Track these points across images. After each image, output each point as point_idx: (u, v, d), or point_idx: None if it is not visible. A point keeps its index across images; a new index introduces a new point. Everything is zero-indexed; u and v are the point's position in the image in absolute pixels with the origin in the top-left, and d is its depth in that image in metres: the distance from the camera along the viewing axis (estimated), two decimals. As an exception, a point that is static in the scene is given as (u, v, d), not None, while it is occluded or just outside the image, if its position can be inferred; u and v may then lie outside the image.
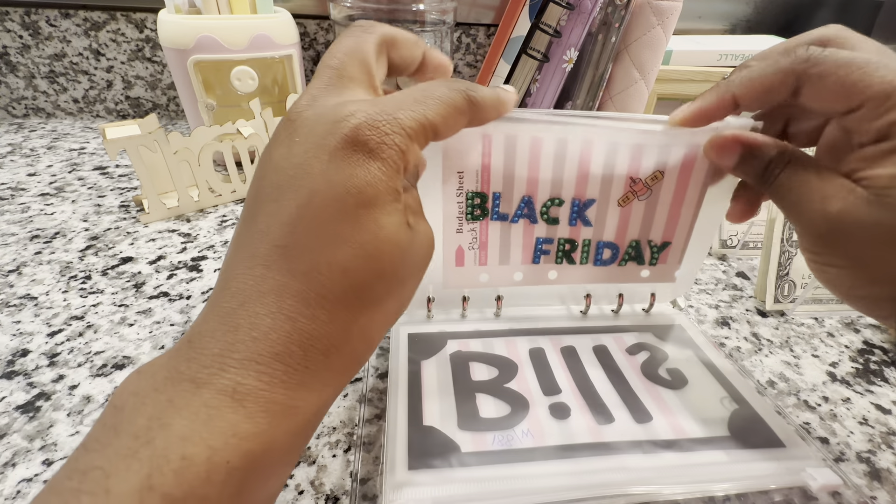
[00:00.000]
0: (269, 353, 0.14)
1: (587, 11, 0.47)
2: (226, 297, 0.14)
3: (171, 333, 0.30)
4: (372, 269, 0.15)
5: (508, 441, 0.23)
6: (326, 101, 0.16)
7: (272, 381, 0.14)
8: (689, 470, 0.22)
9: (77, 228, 0.40)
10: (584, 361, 0.28)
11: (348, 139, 0.15)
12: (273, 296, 0.14)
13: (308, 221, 0.15)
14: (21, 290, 0.33)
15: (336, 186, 0.15)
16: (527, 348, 0.29)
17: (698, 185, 0.26)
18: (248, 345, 0.14)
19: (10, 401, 0.26)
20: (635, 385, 0.27)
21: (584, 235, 0.27)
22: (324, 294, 0.14)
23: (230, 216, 0.44)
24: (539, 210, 0.26)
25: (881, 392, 0.30)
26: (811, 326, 0.35)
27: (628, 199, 0.26)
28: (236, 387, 0.13)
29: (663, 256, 0.28)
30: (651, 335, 0.31)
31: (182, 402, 0.13)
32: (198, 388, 0.13)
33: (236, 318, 0.14)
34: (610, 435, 0.23)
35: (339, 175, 0.15)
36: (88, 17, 0.56)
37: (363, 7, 0.50)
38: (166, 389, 0.13)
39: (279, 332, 0.14)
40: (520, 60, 0.52)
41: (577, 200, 0.26)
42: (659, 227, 0.27)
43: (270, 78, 0.52)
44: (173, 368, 0.14)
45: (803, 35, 0.21)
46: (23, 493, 0.21)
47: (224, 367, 0.13)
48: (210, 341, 0.14)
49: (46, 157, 0.52)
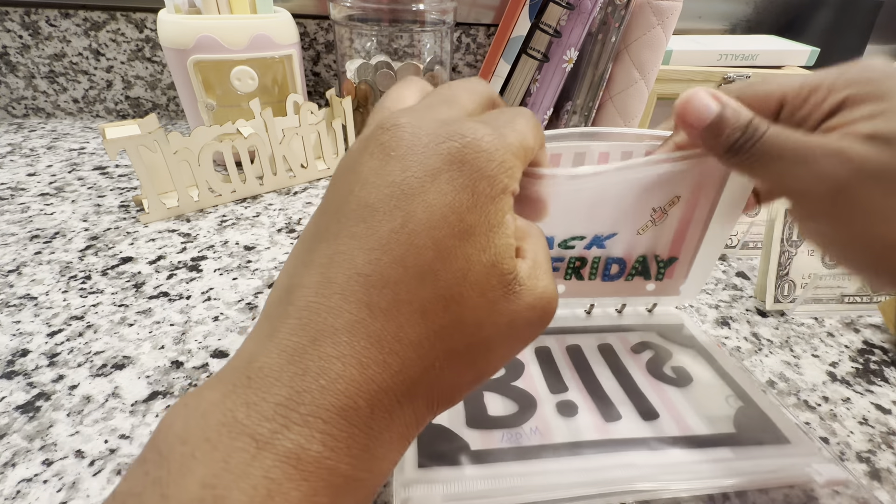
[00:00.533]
0: (335, 407, 0.12)
1: (587, 11, 0.47)
2: (294, 328, 0.12)
3: (170, 333, 0.30)
4: (452, 315, 0.13)
5: (517, 438, 0.23)
6: (424, 111, 0.14)
7: (336, 444, 0.12)
8: (695, 466, 0.22)
9: (77, 228, 0.40)
10: (590, 360, 0.28)
11: (455, 159, 0.13)
12: (346, 334, 0.12)
13: (397, 250, 0.13)
14: (21, 290, 0.33)
15: (434, 212, 0.13)
16: (532, 347, 0.29)
17: (708, 203, 0.25)
18: (314, 395, 0.12)
19: (9, 401, 0.26)
20: (641, 383, 0.27)
21: (595, 255, 0.27)
22: (400, 337, 0.12)
23: (230, 216, 0.44)
24: (557, 243, 0.25)
25: (881, 392, 0.30)
26: (811, 326, 0.35)
27: (647, 227, 0.25)
28: (301, 454, 0.11)
29: (669, 272, 0.28)
30: (655, 334, 0.31)
31: (240, 469, 0.11)
32: (258, 451, 0.11)
33: (305, 358, 0.12)
34: (617, 432, 0.24)
35: (441, 199, 0.13)
36: (88, 17, 0.56)
37: (363, 7, 0.50)
38: (221, 443, 0.11)
39: (347, 381, 0.12)
40: (520, 60, 0.52)
41: (598, 236, 0.25)
42: (666, 244, 0.27)
43: (270, 78, 0.52)
44: (229, 413, 0.11)
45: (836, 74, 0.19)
46: (22, 493, 0.21)
47: (288, 424, 0.11)
48: (274, 384, 0.12)
49: (46, 157, 0.52)
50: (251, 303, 0.34)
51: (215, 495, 0.10)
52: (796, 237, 0.36)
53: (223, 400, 0.12)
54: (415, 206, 0.13)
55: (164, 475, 0.11)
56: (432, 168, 0.13)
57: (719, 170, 0.23)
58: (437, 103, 0.15)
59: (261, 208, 0.45)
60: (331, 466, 0.11)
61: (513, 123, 0.15)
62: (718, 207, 0.25)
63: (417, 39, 0.55)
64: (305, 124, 0.47)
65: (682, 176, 0.23)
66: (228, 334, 0.31)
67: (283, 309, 0.13)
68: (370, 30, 0.53)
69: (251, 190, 0.47)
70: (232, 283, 0.35)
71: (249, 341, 0.13)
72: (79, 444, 0.24)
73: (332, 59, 0.64)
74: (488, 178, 0.13)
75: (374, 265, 0.13)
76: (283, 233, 0.42)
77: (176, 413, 0.12)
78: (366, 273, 0.12)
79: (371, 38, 0.54)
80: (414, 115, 0.14)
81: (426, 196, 0.13)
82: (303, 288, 0.13)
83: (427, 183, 0.13)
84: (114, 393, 0.26)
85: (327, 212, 0.14)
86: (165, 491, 0.10)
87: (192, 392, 0.12)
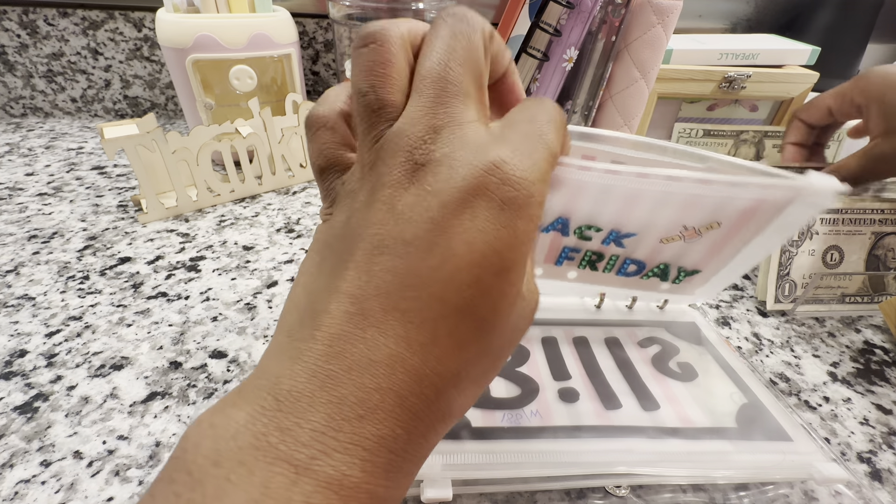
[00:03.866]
0: (376, 436, 0.12)
1: (587, 10, 0.47)
2: (324, 355, 0.12)
3: (169, 334, 0.30)
4: (486, 343, 0.14)
5: (517, 419, 0.24)
6: (454, 138, 0.13)
7: (376, 470, 0.12)
8: (692, 457, 0.22)
9: (75, 228, 0.40)
10: (596, 351, 0.29)
11: (493, 197, 0.13)
12: (385, 368, 0.12)
13: (437, 287, 0.13)
14: (19, 290, 0.33)
15: (475, 251, 0.13)
16: (539, 336, 0.29)
17: (752, 230, 0.23)
18: (353, 424, 0.12)
19: (7, 402, 0.25)
20: (645, 375, 0.27)
21: (614, 252, 0.26)
22: (438, 371, 0.13)
23: (228, 216, 0.44)
24: (574, 229, 0.24)
25: (882, 392, 0.30)
26: (812, 326, 0.35)
27: (673, 239, 0.24)
28: (342, 479, 0.11)
29: (688, 279, 0.27)
30: (664, 330, 0.31)
31: (279, 494, 0.11)
32: (298, 476, 0.11)
33: (340, 387, 0.12)
34: (616, 419, 0.24)
35: (483, 237, 0.13)
36: (86, 16, 0.56)
37: (363, 6, 0.50)
38: (257, 467, 0.11)
39: (386, 412, 0.12)
40: (519, 59, 0.52)
41: (615, 231, 0.24)
42: (694, 258, 0.25)
43: (269, 77, 0.52)
44: (261, 435, 0.11)
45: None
46: (21, 494, 0.21)
47: (327, 451, 0.11)
48: (307, 410, 0.12)
49: (44, 157, 0.52)
50: (250, 303, 0.33)
51: None
52: (797, 237, 0.36)
53: (252, 422, 0.12)
54: (455, 244, 0.13)
55: (197, 497, 0.11)
56: (471, 205, 0.13)
57: (777, 205, 0.21)
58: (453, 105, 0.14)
59: (259, 208, 0.45)
60: (370, 490, 0.12)
61: (542, 137, 0.14)
62: (763, 234, 0.23)
63: (417, 38, 0.54)
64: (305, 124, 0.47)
65: (730, 204, 0.21)
66: (227, 335, 0.31)
67: (309, 333, 0.13)
68: (369, 29, 0.52)
69: (250, 190, 0.47)
70: (231, 283, 0.35)
71: (270, 360, 0.13)
72: (77, 445, 0.24)
73: (332, 58, 0.64)
74: (527, 218, 0.13)
75: (413, 302, 0.12)
76: (281, 233, 0.42)
77: (202, 433, 0.12)
78: (403, 308, 0.12)
79: (370, 38, 0.54)
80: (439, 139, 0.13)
81: (466, 235, 0.13)
82: (329, 315, 0.13)
83: (467, 220, 0.13)
84: (112, 394, 0.26)
85: (353, 236, 0.14)
86: None
87: (216, 410, 0.12)
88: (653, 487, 0.23)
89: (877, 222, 0.37)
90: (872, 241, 0.37)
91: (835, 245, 0.36)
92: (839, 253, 0.36)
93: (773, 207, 0.21)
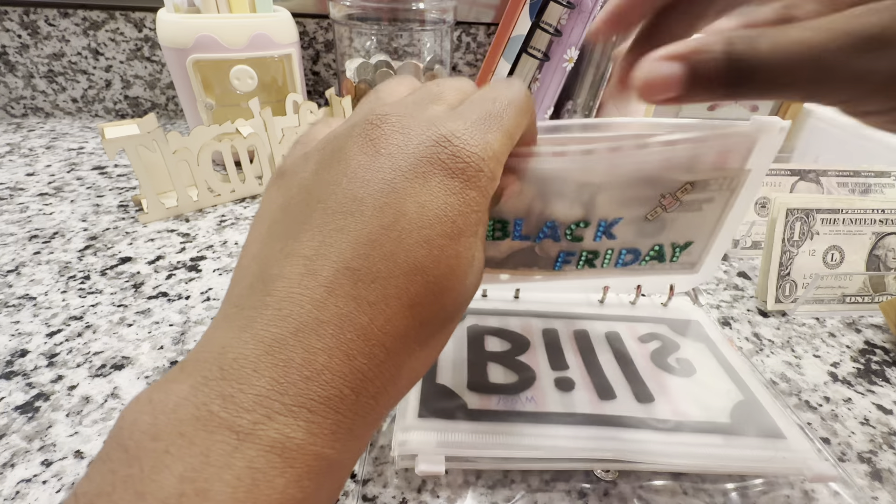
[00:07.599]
0: (321, 396, 0.12)
1: (588, 10, 0.47)
2: (272, 318, 0.12)
3: (169, 334, 0.30)
4: (438, 305, 0.14)
5: (512, 404, 0.24)
6: (414, 111, 0.15)
7: (322, 431, 0.12)
8: (682, 448, 0.23)
9: (76, 228, 0.40)
10: (595, 344, 0.29)
11: (445, 166, 0.14)
12: (333, 327, 0.12)
13: (389, 246, 0.13)
14: (20, 290, 0.33)
15: (428, 212, 0.13)
16: (541, 328, 0.30)
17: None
18: (299, 386, 0.11)
19: (8, 401, 0.25)
20: (642, 369, 0.27)
21: (608, 246, 0.26)
22: (387, 330, 0.13)
23: (229, 216, 0.44)
24: (563, 232, 0.25)
25: (882, 392, 0.30)
26: (812, 326, 0.35)
27: (657, 213, 0.25)
28: (286, 442, 0.11)
29: (686, 254, 0.28)
30: (666, 327, 0.31)
31: (221, 461, 0.10)
32: (240, 442, 0.11)
33: (287, 349, 0.12)
34: (610, 409, 0.24)
35: (433, 200, 0.13)
36: (87, 17, 0.56)
37: (363, 6, 0.50)
38: (197, 437, 0.11)
39: (333, 373, 0.12)
40: (520, 59, 0.52)
41: (603, 221, 0.25)
42: (682, 229, 0.26)
43: (270, 77, 0.52)
44: (203, 406, 0.11)
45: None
46: (22, 493, 0.21)
47: (271, 415, 0.11)
48: (252, 375, 0.11)
49: (45, 157, 0.52)
50: (251, 303, 0.33)
51: (196, 488, 0.10)
52: (797, 237, 0.36)
53: (194, 393, 0.11)
54: (406, 205, 0.13)
55: (135, 472, 0.10)
56: (423, 171, 0.14)
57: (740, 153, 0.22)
58: (425, 99, 0.16)
59: (260, 208, 0.45)
60: (316, 452, 0.12)
61: (500, 117, 0.15)
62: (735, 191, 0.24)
63: (417, 38, 0.54)
64: (305, 124, 0.47)
65: (691, 161, 0.22)
66: (228, 334, 0.31)
67: (260, 299, 0.13)
68: (370, 29, 0.53)
69: (250, 190, 0.47)
70: (231, 283, 0.35)
71: (217, 330, 0.13)
72: (78, 445, 0.24)
73: (332, 58, 0.64)
74: (477, 189, 0.14)
75: (364, 260, 0.13)
76: (282, 232, 0.42)
77: (140, 409, 0.11)
78: (354, 267, 0.13)
79: (371, 38, 0.54)
80: (401, 109, 0.15)
81: (418, 196, 0.13)
82: (283, 279, 0.13)
83: (418, 184, 0.13)
84: (113, 393, 0.26)
85: (309, 200, 0.14)
86: (140, 488, 0.10)
87: (155, 386, 0.12)
88: (643, 474, 0.23)
89: (877, 222, 0.37)
90: (873, 241, 0.37)
91: (835, 245, 0.36)
92: (839, 253, 0.36)
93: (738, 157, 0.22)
